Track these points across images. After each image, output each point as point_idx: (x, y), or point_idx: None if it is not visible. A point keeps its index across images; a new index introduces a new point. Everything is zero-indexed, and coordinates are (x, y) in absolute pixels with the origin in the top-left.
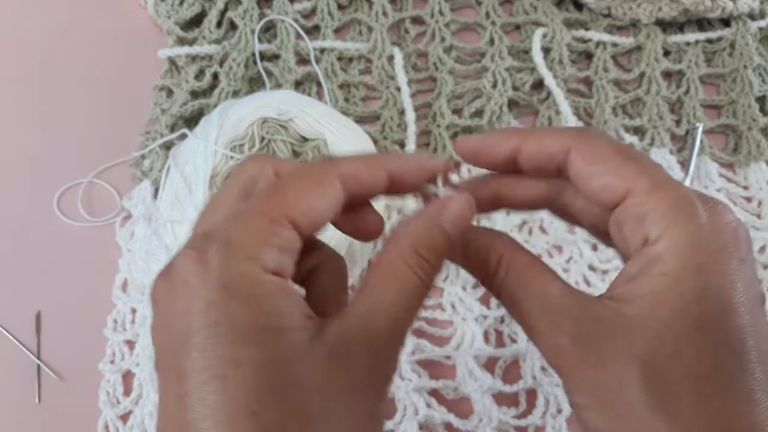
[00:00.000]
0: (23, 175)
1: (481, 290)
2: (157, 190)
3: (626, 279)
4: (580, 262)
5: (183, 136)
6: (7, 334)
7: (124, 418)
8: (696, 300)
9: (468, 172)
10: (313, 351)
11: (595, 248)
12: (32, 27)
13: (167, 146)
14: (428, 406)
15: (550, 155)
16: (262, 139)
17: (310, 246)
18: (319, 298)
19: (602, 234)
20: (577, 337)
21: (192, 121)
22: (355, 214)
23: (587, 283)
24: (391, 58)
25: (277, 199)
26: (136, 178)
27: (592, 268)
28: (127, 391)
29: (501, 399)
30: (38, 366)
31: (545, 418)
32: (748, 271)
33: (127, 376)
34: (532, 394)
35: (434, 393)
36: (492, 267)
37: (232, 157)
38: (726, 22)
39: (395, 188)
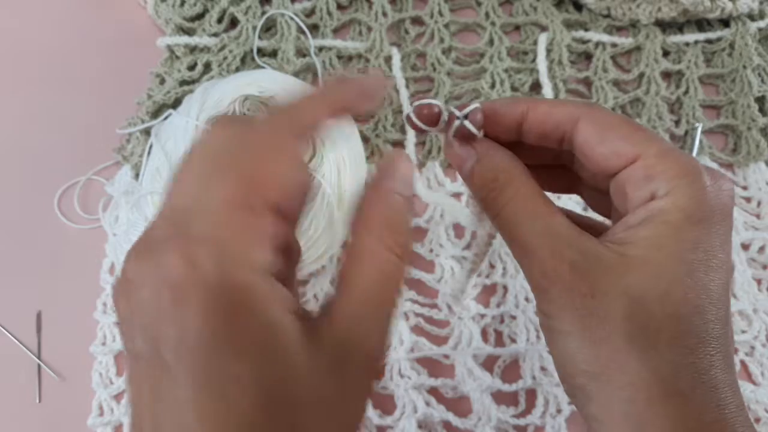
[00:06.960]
0: (23, 174)
1: (477, 290)
2: (137, 176)
3: (625, 227)
4: None
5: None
6: (7, 334)
7: (118, 397)
8: (691, 249)
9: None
10: (312, 364)
11: None
12: (31, 27)
13: (149, 132)
14: (427, 404)
15: (557, 122)
16: (243, 116)
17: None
18: None
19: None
20: (575, 267)
21: (174, 107)
22: None
23: None
24: (388, 59)
25: (252, 182)
26: (118, 163)
27: None
28: (120, 371)
29: (500, 398)
30: (38, 366)
31: (545, 418)
32: (730, 236)
33: (119, 357)
34: (531, 394)
35: (433, 391)
36: (498, 188)
37: None
38: (725, 23)
39: (347, 111)
